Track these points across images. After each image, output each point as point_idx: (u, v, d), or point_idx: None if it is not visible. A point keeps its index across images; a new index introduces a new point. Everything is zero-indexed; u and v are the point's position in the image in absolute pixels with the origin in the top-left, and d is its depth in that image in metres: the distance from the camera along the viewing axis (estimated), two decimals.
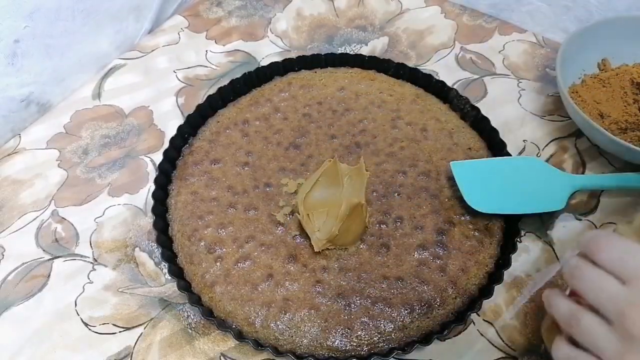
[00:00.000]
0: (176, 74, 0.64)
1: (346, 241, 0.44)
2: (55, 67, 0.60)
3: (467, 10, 0.70)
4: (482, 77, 0.62)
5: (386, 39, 0.67)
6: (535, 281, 0.46)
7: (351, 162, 0.50)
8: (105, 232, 0.50)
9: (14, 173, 0.56)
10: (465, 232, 0.45)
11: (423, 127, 0.53)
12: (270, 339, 0.41)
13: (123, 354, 0.43)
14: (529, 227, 0.49)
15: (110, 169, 0.55)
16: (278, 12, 0.72)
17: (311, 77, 0.58)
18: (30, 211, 0.52)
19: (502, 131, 0.51)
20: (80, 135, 0.59)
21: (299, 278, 0.43)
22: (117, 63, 0.66)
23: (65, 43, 0.60)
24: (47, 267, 0.48)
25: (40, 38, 0.57)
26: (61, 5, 0.57)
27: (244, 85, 0.57)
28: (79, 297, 0.46)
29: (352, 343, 0.40)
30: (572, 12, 0.64)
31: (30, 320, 0.45)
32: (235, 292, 0.43)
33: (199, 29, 0.70)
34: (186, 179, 0.50)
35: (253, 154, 0.52)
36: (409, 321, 0.41)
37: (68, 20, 0.59)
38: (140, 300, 0.46)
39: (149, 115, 0.60)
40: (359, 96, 0.56)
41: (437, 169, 0.50)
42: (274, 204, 0.48)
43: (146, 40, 0.69)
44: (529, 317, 0.44)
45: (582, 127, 0.52)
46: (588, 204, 0.50)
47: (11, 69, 0.56)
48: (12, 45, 0.55)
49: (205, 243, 0.46)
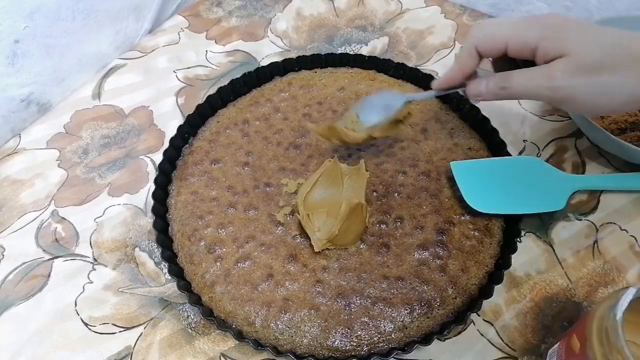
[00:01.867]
0: (176, 74, 0.64)
1: (346, 241, 0.44)
2: (55, 67, 0.60)
3: (467, 10, 0.70)
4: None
5: (386, 39, 0.67)
6: (535, 281, 0.46)
7: (351, 162, 0.50)
8: (105, 232, 0.50)
9: (14, 173, 0.56)
10: (465, 232, 0.45)
11: (423, 127, 0.53)
12: (270, 338, 0.41)
13: (123, 354, 0.43)
14: (529, 227, 0.49)
15: (110, 169, 0.55)
16: (278, 12, 0.72)
17: (311, 77, 0.58)
18: (30, 211, 0.52)
19: (502, 131, 0.51)
20: (80, 135, 0.59)
21: (299, 278, 0.43)
22: (117, 63, 0.66)
23: (65, 43, 0.60)
24: (47, 267, 0.48)
25: (40, 38, 0.57)
26: (61, 5, 0.58)
27: (244, 85, 0.57)
28: (79, 297, 0.46)
29: (352, 343, 0.40)
30: (572, 12, 0.64)
31: (30, 320, 0.45)
32: (235, 292, 0.43)
33: (199, 29, 0.70)
34: (186, 179, 0.50)
35: (253, 154, 0.52)
36: (409, 321, 0.41)
37: (68, 20, 0.59)
38: (140, 300, 0.46)
39: (149, 115, 0.60)
40: (359, 96, 0.56)
41: (437, 169, 0.50)
42: (274, 204, 0.48)
43: (146, 40, 0.69)
44: (529, 317, 0.44)
45: (582, 127, 0.52)
46: (588, 204, 0.50)
47: (11, 69, 0.56)
48: (12, 45, 0.55)
49: (205, 243, 0.46)
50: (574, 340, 0.34)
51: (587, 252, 0.47)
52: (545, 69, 0.36)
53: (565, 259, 0.47)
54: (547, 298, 0.45)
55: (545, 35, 0.36)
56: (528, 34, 0.37)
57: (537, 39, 0.36)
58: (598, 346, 0.30)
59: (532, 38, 0.37)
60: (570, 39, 0.35)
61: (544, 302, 0.45)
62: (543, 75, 0.36)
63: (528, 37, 0.37)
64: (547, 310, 0.44)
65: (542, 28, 0.36)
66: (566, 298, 0.45)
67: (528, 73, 0.37)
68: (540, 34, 0.36)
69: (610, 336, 0.29)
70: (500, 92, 0.39)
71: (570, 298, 0.45)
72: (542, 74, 0.36)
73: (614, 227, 0.49)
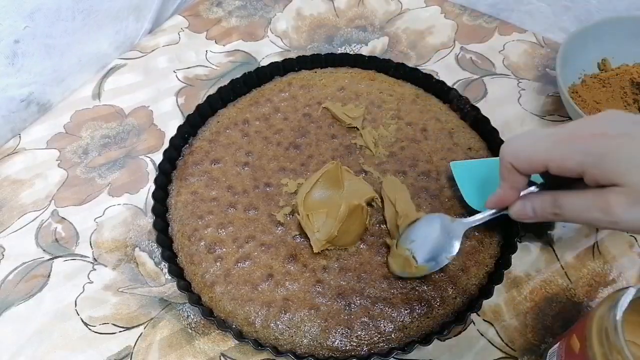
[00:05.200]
0: (176, 74, 0.64)
1: (346, 242, 0.44)
2: (55, 67, 0.60)
3: (467, 10, 0.70)
4: (482, 77, 0.62)
5: (386, 39, 0.67)
6: (535, 281, 0.46)
7: (351, 162, 0.50)
8: (105, 232, 0.50)
9: (14, 173, 0.56)
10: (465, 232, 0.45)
11: (423, 127, 0.53)
12: (270, 338, 0.41)
13: (123, 354, 0.43)
14: (529, 227, 0.49)
15: (110, 169, 0.55)
16: (278, 12, 0.72)
17: (311, 77, 0.58)
18: (30, 211, 0.52)
19: (502, 131, 0.51)
20: (80, 135, 0.59)
21: (299, 278, 0.43)
22: (117, 63, 0.66)
23: (65, 43, 0.60)
24: (47, 267, 0.48)
25: (40, 38, 0.57)
26: (61, 5, 0.57)
27: (244, 85, 0.57)
28: (79, 297, 0.46)
29: (352, 343, 0.40)
30: (572, 12, 0.64)
31: (30, 320, 0.45)
32: (235, 292, 0.43)
33: (199, 29, 0.70)
34: (186, 179, 0.50)
35: (253, 154, 0.52)
36: (409, 321, 0.41)
37: (68, 20, 0.59)
38: (140, 300, 0.46)
39: (149, 115, 0.60)
40: (359, 96, 0.56)
41: (437, 169, 0.50)
42: (274, 204, 0.48)
43: (146, 40, 0.69)
44: (529, 317, 0.44)
45: None
46: None
47: (11, 69, 0.56)
48: (12, 45, 0.55)
49: (205, 243, 0.46)
50: (574, 340, 0.34)
51: (587, 252, 0.47)
52: (600, 198, 0.32)
53: (565, 259, 0.47)
54: (547, 298, 0.45)
55: (590, 163, 0.31)
56: (568, 162, 0.32)
57: (581, 167, 0.32)
58: (598, 346, 0.30)
59: (575, 165, 0.32)
60: (620, 169, 0.30)
61: (544, 302, 0.45)
62: (598, 207, 0.32)
63: (569, 164, 0.32)
64: (547, 310, 0.44)
65: (584, 155, 0.32)
66: (566, 298, 0.45)
67: (581, 201, 0.33)
68: (585, 161, 0.31)
69: (610, 336, 0.29)
70: (552, 218, 0.36)
71: (570, 298, 0.45)
72: (597, 205, 0.32)
73: None
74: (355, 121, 0.53)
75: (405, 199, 0.45)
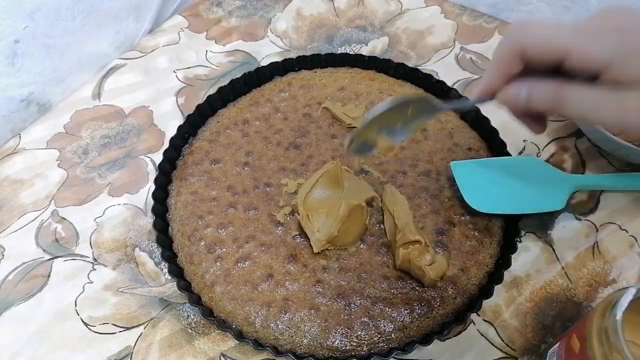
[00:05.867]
0: (176, 74, 0.64)
1: (346, 242, 0.44)
2: (55, 67, 0.60)
3: (467, 10, 0.70)
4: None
5: (386, 39, 0.67)
6: (535, 281, 0.46)
7: (351, 162, 0.50)
8: (105, 232, 0.50)
9: (14, 173, 0.56)
10: (465, 232, 0.45)
11: (423, 127, 0.53)
12: (270, 338, 0.41)
13: (123, 354, 0.43)
14: (529, 227, 0.49)
15: (110, 169, 0.55)
16: (278, 12, 0.72)
17: (311, 77, 0.58)
18: (30, 211, 0.52)
19: (502, 131, 0.51)
20: (80, 135, 0.59)
21: (299, 278, 0.43)
22: (117, 63, 0.66)
23: (65, 43, 0.60)
24: (47, 267, 0.48)
25: (40, 38, 0.57)
26: (61, 5, 0.58)
27: (244, 85, 0.57)
28: (79, 297, 0.46)
29: (352, 343, 0.40)
30: (572, 12, 0.64)
31: (30, 320, 0.45)
32: (235, 292, 0.43)
33: (199, 29, 0.70)
34: (186, 179, 0.50)
35: (253, 154, 0.52)
36: (409, 321, 0.41)
37: (68, 20, 0.59)
38: (140, 300, 0.46)
39: (149, 115, 0.60)
40: (359, 96, 0.56)
41: (437, 169, 0.50)
42: (274, 204, 0.48)
43: (146, 40, 0.69)
44: (529, 317, 0.44)
45: (582, 127, 0.52)
46: (588, 204, 0.50)
47: (11, 69, 0.56)
48: (12, 45, 0.55)
49: (205, 243, 0.46)
50: (574, 340, 0.34)
51: (587, 252, 0.47)
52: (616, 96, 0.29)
53: (565, 259, 0.47)
54: (547, 298, 0.45)
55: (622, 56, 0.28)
56: (595, 53, 0.29)
57: (610, 59, 0.28)
58: (598, 346, 0.30)
59: (602, 56, 0.28)
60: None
61: (544, 302, 0.45)
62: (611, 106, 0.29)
63: (596, 55, 0.29)
64: (547, 310, 0.44)
65: (619, 45, 0.28)
66: (566, 298, 0.45)
67: (592, 95, 0.30)
68: (616, 54, 0.28)
69: (610, 336, 0.29)
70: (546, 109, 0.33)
71: (570, 298, 0.45)
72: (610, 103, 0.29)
73: (614, 227, 0.49)
74: (355, 121, 0.53)
75: (405, 213, 0.44)
